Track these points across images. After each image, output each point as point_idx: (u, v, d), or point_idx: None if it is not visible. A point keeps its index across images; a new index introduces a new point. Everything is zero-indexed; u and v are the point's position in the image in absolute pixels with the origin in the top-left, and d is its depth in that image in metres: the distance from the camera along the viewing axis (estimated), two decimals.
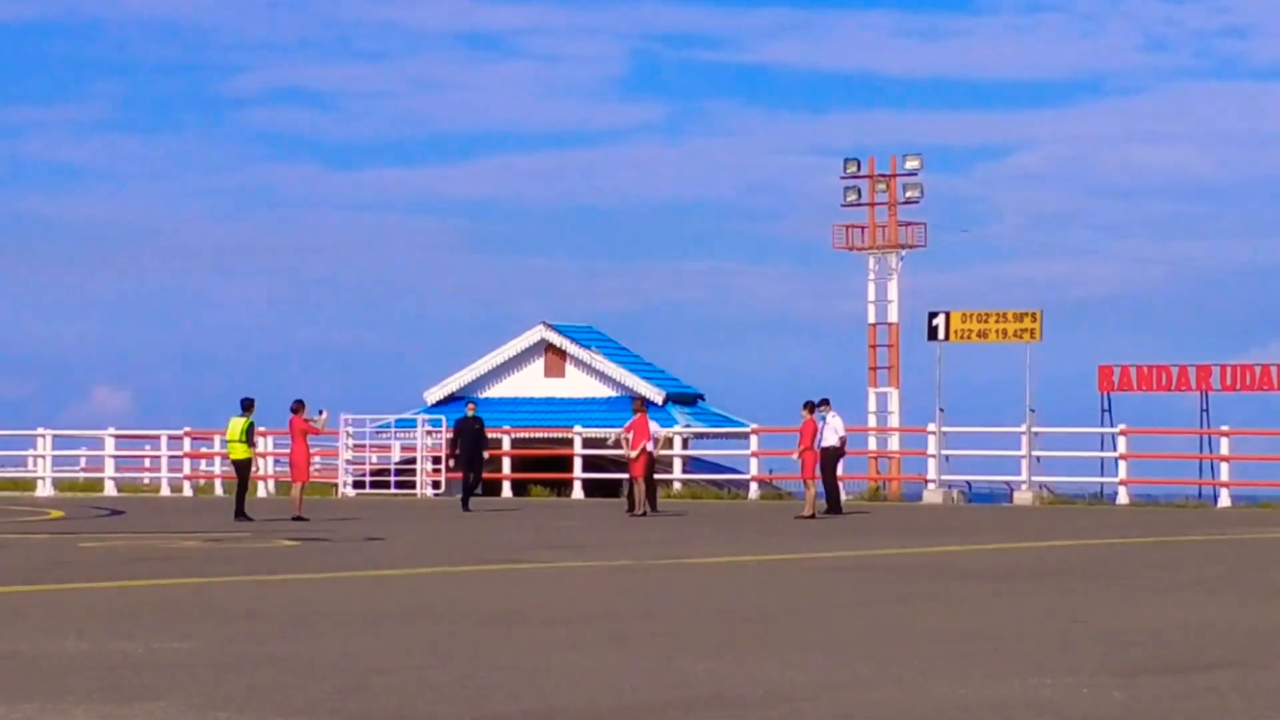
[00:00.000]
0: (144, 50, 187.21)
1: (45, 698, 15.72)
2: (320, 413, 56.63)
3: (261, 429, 53.80)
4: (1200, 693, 16.72)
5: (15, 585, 28.19)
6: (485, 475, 76.76)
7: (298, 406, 55.43)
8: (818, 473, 54.71)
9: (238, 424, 53.89)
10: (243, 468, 54.05)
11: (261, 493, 55.27)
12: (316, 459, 77.16)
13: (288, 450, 56.58)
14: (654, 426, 60.95)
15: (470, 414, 63.88)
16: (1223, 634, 21.87)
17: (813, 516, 52.98)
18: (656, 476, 60.84)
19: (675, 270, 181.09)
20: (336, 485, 75.96)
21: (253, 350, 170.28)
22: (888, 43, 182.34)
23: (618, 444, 60.48)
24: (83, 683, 16.73)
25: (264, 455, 53.73)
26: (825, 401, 56.12)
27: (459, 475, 63.74)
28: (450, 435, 64.48)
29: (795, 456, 57.80)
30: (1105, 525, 49.45)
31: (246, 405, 54.43)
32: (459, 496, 62.31)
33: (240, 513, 51.47)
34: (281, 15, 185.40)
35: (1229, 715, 15.43)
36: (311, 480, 64.60)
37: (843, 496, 59.25)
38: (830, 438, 55.31)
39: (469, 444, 61.67)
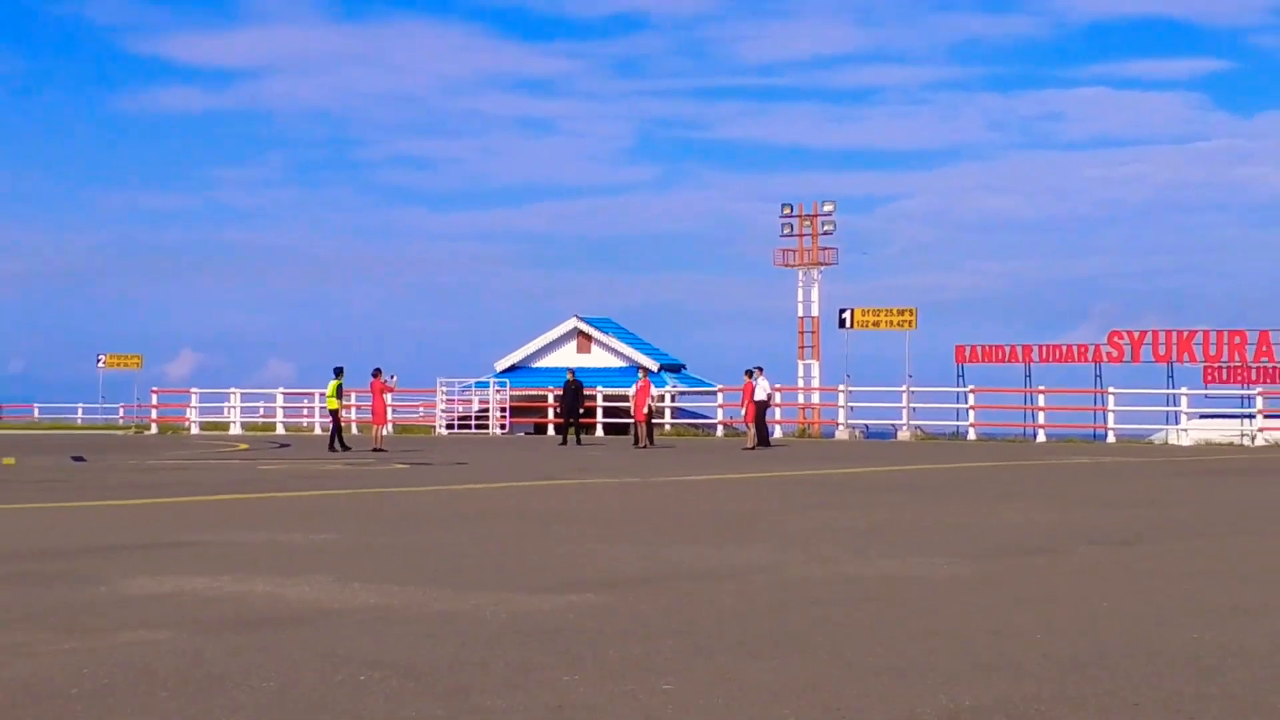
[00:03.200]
0: (303, 130, 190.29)
1: (237, 573, 15.81)
2: (392, 377, 56.74)
3: (340, 383, 54.34)
4: (1022, 569, 16.88)
5: (216, 495, 28.03)
6: (539, 420, 77.33)
7: (376, 373, 55.57)
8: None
9: (332, 385, 54.71)
10: (335, 415, 54.60)
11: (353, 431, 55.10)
12: (420, 408, 77.66)
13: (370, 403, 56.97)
14: (652, 388, 61.28)
15: (570, 379, 61.74)
16: (1040, 530, 21.70)
17: (753, 448, 52.97)
18: (654, 421, 60.73)
19: (666, 279, 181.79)
20: (434, 426, 76.02)
21: (374, 333, 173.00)
22: (813, 124, 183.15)
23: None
24: (263, 562, 16.87)
25: (351, 406, 54.61)
26: (759, 369, 55.97)
27: (561, 423, 62.79)
28: (559, 392, 64.28)
29: (741, 409, 58.42)
30: (960, 454, 49.05)
31: (337, 372, 54.84)
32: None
33: (333, 445, 51.64)
34: (397, 105, 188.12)
35: (1040, 583, 15.58)
36: (396, 426, 65.76)
37: (770, 435, 59.35)
38: (760, 394, 55.39)
39: (569, 399, 60.27)
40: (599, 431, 70.59)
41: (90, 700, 9.43)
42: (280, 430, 76.20)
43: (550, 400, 73.27)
